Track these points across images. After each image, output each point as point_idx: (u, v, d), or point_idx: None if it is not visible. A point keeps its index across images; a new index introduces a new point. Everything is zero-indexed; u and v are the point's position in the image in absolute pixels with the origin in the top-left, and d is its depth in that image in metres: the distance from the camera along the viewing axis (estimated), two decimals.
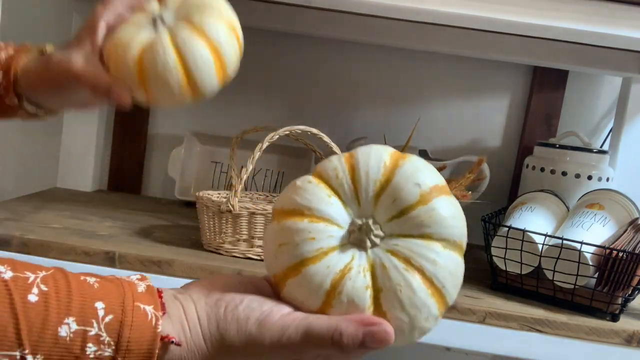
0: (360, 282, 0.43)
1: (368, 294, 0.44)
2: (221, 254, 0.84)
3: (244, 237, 0.83)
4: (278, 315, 0.44)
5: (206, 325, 0.44)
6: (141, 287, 0.45)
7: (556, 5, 0.73)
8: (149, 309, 0.42)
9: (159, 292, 0.45)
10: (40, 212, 0.94)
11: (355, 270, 0.44)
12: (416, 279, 0.43)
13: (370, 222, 0.45)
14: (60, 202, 1.03)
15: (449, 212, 0.45)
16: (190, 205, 1.15)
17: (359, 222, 0.45)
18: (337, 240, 0.45)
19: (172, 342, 0.42)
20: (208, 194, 0.87)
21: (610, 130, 1.16)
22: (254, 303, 0.45)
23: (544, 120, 1.17)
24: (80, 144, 1.15)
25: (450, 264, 0.44)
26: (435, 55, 1.18)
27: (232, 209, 0.81)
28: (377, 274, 0.44)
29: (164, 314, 0.43)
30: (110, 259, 0.79)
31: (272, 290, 0.48)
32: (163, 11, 0.62)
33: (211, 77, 0.61)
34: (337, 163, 0.46)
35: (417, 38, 1.07)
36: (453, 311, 0.77)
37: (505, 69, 1.19)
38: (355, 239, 0.45)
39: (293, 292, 0.45)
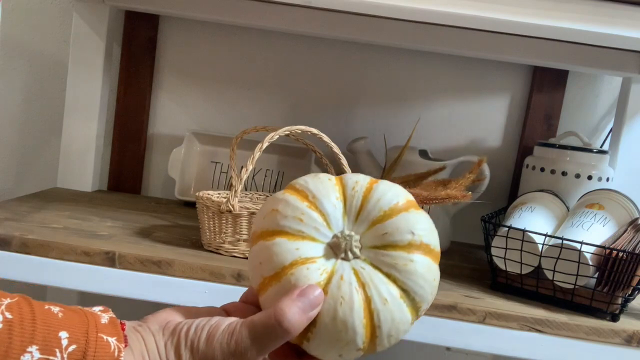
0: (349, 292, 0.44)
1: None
2: (221, 254, 0.84)
3: (244, 237, 0.83)
4: (225, 325, 0.45)
5: (164, 355, 0.45)
6: (104, 319, 0.44)
7: (556, 5, 0.73)
8: (112, 340, 0.43)
9: (122, 324, 0.45)
10: (40, 212, 0.94)
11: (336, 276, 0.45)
12: (391, 287, 0.44)
13: (353, 233, 0.46)
14: (60, 202, 1.03)
15: (418, 221, 0.47)
16: (190, 205, 1.15)
17: (343, 233, 0.46)
18: (320, 252, 0.46)
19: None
20: (208, 194, 0.87)
21: (610, 130, 1.16)
22: (202, 322, 0.45)
23: (544, 120, 1.17)
24: (80, 144, 1.15)
25: (422, 270, 0.46)
26: (435, 55, 1.18)
27: (232, 209, 0.81)
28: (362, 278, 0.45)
29: (125, 345, 0.44)
30: (110, 259, 0.79)
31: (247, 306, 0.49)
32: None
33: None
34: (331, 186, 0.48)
35: (417, 38, 1.07)
36: (453, 311, 0.77)
37: (505, 69, 1.19)
38: (338, 249, 0.46)
39: (271, 297, 0.46)
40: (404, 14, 0.87)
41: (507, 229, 0.82)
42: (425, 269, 0.46)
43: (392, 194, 0.47)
